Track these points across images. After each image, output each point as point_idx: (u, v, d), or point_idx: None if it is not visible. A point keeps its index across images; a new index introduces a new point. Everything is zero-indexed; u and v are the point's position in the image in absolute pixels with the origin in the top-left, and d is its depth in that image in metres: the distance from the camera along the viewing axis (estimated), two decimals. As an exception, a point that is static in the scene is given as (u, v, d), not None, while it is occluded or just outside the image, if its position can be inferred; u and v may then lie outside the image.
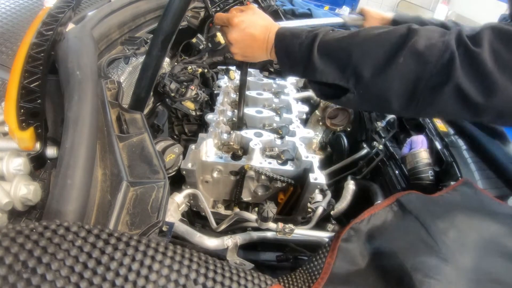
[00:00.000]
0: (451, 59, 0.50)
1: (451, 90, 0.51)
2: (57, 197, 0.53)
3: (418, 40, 0.52)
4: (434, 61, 0.51)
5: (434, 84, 0.52)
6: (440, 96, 0.52)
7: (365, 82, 0.57)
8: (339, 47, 0.60)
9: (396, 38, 0.55)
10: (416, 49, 0.52)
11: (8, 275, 0.34)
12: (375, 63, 0.56)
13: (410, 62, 0.53)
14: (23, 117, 0.63)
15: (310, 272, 0.63)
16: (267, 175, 0.97)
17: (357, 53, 0.57)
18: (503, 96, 0.49)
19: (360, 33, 0.60)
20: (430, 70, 0.51)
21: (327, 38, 0.62)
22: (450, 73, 0.50)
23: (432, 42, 0.52)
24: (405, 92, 0.54)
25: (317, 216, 1.01)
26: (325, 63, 0.61)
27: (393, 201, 0.74)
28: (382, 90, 0.56)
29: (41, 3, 0.95)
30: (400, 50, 0.53)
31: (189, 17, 1.72)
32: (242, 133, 1.05)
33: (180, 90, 1.30)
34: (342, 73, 0.60)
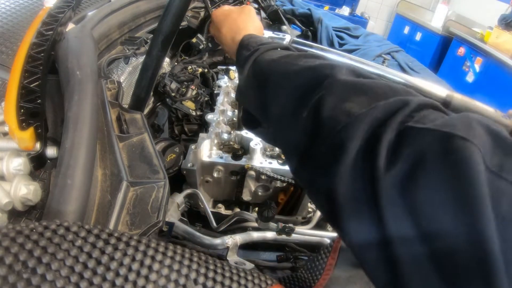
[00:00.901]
0: (340, 148, 0.33)
1: (323, 185, 0.37)
2: (57, 197, 0.53)
3: (325, 98, 0.38)
4: (326, 136, 0.36)
5: (326, 157, 0.37)
6: (333, 171, 0.35)
7: (269, 121, 0.50)
8: (264, 71, 0.51)
9: (311, 83, 0.42)
10: (318, 110, 0.38)
11: (8, 275, 0.34)
12: (283, 106, 0.46)
13: (309, 123, 0.40)
14: (23, 117, 0.63)
15: (311, 273, 0.63)
16: (267, 175, 0.97)
17: (272, 86, 0.48)
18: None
19: (288, 58, 0.49)
20: (322, 141, 0.37)
21: (263, 57, 0.53)
22: (329, 167, 0.35)
23: (337, 109, 0.36)
24: (298, 155, 0.42)
25: (317, 216, 1.01)
26: (249, 87, 0.54)
27: None
28: (283, 137, 0.47)
29: (41, 3, 0.95)
30: (307, 102, 0.40)
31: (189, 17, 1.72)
32: (243, 133, 1.05)
33: (181, 89, 1.31)
34: (258, 102, 0.53)
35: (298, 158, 0.42)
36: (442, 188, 0.27)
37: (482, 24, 4.51)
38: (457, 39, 4.54)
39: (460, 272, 0.26)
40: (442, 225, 0.26)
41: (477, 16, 4.80)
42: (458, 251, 0.26)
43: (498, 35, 3.92)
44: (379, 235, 0.30)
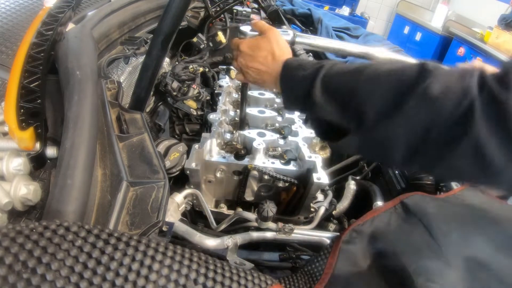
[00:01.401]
0: (470, 108, 0.40)
1: (468, 147, 0.41)
2: (57, 197, 0.53)
3: (433, 83, 0.43)
4: (450, 110, 0.42)
5: (447, 137, 0.43)
6: (452, 152, 0.43)
7: (367, 126, 0.50)
8: (343, 81, 0.54)
9: (407, 79, 0.47)
10: (429, 94, 0.43)
11: (8, 275, 0.34)
12: (380, 106, 0.48)
13: (421, 109, 0.44)
14: (23, 117, 0.63)
15: (311, 273, 0.63)
16: (270, 175, 0.97)
17: (362, 91, 0.51)
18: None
19: (368, 68, 0.52)
20: (444, 120, 0.42)
21: (331, 72, 0.56)
22: (468, 126, 0.40)
23: (449, 86, 0.43)
24: (412, 142, 0.46)
25: (319, 216, 1.00)
26: (326, 99, 0.55)
27: (397, 203, 0.74)
28: (386, 137, 0.49)
29: (41, 3, 0.95)
30: (411, 93, 0.45)
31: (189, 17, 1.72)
32: (245, 133, 1.05)
33: (182, 89, 1.31)
34: (343, 112, 0.54)
35: (413, 146, 0.46)
36: None
37: (482, 24, 4.51)
38: (457, 39, 4.54)
39: None
40: None
41: (477, 16, 4.80)
42: None
43: (498, 35, 3.92)
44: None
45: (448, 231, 0.65)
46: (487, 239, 0.65)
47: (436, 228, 0.65)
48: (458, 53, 4.50)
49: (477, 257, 0.61)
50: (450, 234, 0.64)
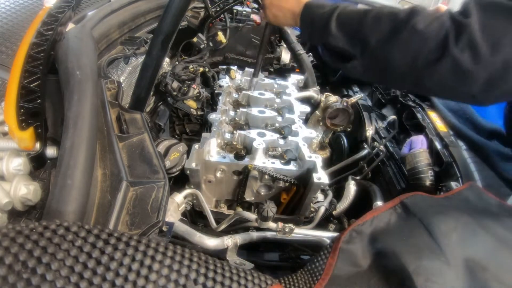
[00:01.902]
0: (446, 35, 0.56)
1: (447, 63, 0.57)
2: (57, 197, 0.53)
3: (419, 20, 0.59)
4: (432, 38, 0.58)
5: (432, 58, 0.58)
6: (437, 68, 0.58)
7: (370, 50, 0.65)
8: (353, 17, 0.69)
9: (401, 16, 0.62)
10: (417, 28, 0.59)
11: (8, 275, 0.34)
12: (381, 34, 0.63)
13: (412, 38, 0.60)
14: (23, 117, 0.63)
15: (311, 273, 0.63)
16: (270, 175, 0.97)
17: (367, 24, 0.65)
18: (487, 63, 0.55)
19: (372, 10, 0.67)
20: (429, 46, 0.58)
21: (345, 11, 0.71)
22: (446, 48, 0.56)
23: (430, 21, 0.59)
24: (405, 63, 0.61)
25: (319, 216, 1.00)
26: (339, 29, 0.70)
27: (397, 203, 0.74)
28: (385, 58, 0.64)
29: (41, 3, 0.95)
30: (404, 27, 0.60)
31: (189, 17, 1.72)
32: (245, 133, 1.05)
33: (183, 88, 1.31)
34: (351, 40, 0.68)
35: (402, 71, 0.63)
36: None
37: (482, 24, 4.51)
38: (457, 39, 4.53)
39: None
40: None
41: (477, 16, 4.79)
42: None
43: (498, 35, 3.91)
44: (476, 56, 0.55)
45: (448, 231, 0.65)
46: (487, 239, 0.65)
47: (436, 228, 0.65)
48: (458, 53, 4.49)
49: (476, 257, 0.61)
50: (450, 235, 0.64)
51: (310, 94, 1.54)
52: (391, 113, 1.37)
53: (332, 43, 0.71)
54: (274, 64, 1.82)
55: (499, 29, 0.54)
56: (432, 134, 1.10)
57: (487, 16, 0.55)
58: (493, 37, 0.54)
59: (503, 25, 0.54)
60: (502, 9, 0.56)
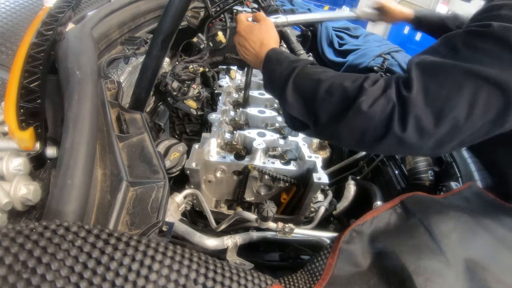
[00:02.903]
0: (390, 114, 0.55)
1: (392, 140, 0.56)
2: (57, 197, 0.53)
3: (364, 101, 0.58)
4: (375, 119, 0.57)
5: (376, 136, 0.58)
6: (383, 145, 0.58)
7: (321, 126, 0.65)
8: (308, 86, 0.67)
9: (349, 94, 0.60)
10: (362, 109, 0.57)
11: (8, 275, 0.34)
12: (329, 112, 0.63)
13: (357, 118, 0.59)
14: (23, 117, 0.63)
15: (311, 273, 0.63)
16: (270, 175, 0.97)
17: (319, 98, 0.64)
18: (432, 135, 0.54)
19: (328, 79, 0.65)
20: (373, 125, 0.57)
21: (302, 73, 0.69)
22: (388, 128, 0.56)
23: (375, 101, 0.57)
24: (353, 140, 0.62)
25: (319, 216, 1.00)
26: (294, 98, 0.68)
27: (396, 203, 0.74)
28: (335, 135, 0.65)
29: (41, 3, 0.95)
30: (350, 107, 0.59)
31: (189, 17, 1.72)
32: (245, 133, 1.05)
33: (183, 88, 1.30)
34: (306, 111, 0.67)
35: (354, 140, 0.62)
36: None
37: (482, 24, 4.51)
38: (457, 39, 4.54)
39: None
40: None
41: (477, 16, 4.80)
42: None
43: (498, 35, 3.91)
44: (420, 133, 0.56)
45: (448, 231, 0.65)
46: (487, 240, 0.65)
47: (435, 229, 0.65)
48: (458, 53, 4.49)
49: (476, 257, 0.61)
50: (450, 235, 0.64)
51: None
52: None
53: (289, 112, 0.69)
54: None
55: (441, 94, 0.53)
56: (432, 134, 1.09)
57: (427, 82, 0.54)
58: (437, 106, 0.53)
59: (445, 87, 0.53)
60: (439, 70, 0.54)
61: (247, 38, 0.82)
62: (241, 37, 0.84)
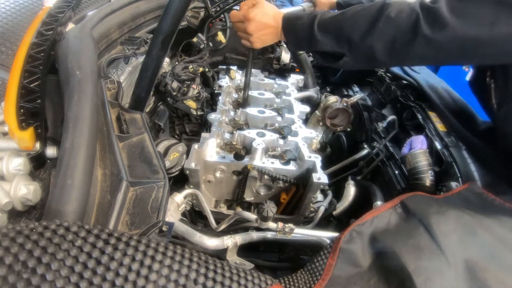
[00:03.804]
0: (417, 19, 0.66)
1: (420, 42, 0.66)
2: (57, 197, 0.53)
3: (391, 10, 0.69)
4: (405, 24, 0.67)
5: (406, 40, 0.68)
6: (412, 48, 0.68)
7: (355, 46, 0.75)
8: (333, 22, 0.78)
9: (375, 11, 0.72)
10: (390, 17, 0.69)
11: (8, 275, 0.34)
12: (361, 30, 0.73)
13: (387, 27, 0.70)
14: (23, 117, 0.63)
15: (311, 273, 0.63)
16: (269, 175, 0.97)
17: (347, 25, 0.75)
18: (453, 30, 0.63)
19: (348, 11, 0.77)
20: (402, 30, 0.68)
21: (324, 17, 0.79)
22: (417, 30, 0.66)
23: (402, 9, 0.69)
24: (386, 49, 0.71)
25: (319, 216, 1.00)
26: (324, 36, 0.78)
27: (397, 203, 0.74)
28: (369, 49, 0.73)
29: (41, 3, 0.95)
30: (379, 19, 0.70)
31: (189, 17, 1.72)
32: (245, 133, 1.05)
33: (182, 89, 1.30)
34: (338, 42, 0.77)
35: (387, 49, 0.71)
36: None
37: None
38: (457, 39, 4.54)
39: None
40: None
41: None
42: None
43: (498, 35, 3.91)
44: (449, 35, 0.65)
45: (448, 231, 0.65)
46: (487, 240, 0.65)
47: (436, 229, 0.65)
48: (458, 53, 4.49)
49: (476, 257, 0.61)
50: (450, 235, 0.64)
51: (310, 94, 1.54)
52: (391, 113, 1.37)
53: (322, 49, 0.79)
54: (274, 64, 1.82)
55: (466, 9, 0.62)
56: (432, 134, 1.10)
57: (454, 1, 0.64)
58: (461, 14, 0.62)
59: (470, 5, 0.62)
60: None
61: (255, 16, 0.87)
62: (256, 23, 0.88)
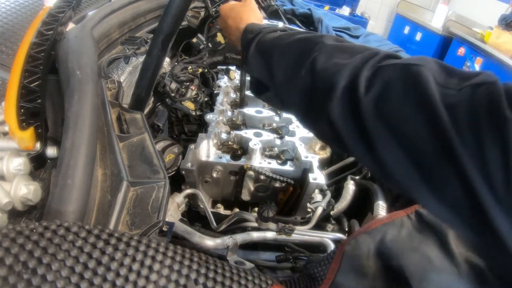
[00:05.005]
0: (329, 90, 0.46)
1: (324, 123, 0.47)
2: (57, 197, 0.53)
3: (318, 57, 0.50)
4: (320, 84, 0.49)
5: (319, 104, 0.49)
6: (320, 121, 0.49)
7: (276, 85, 0.61)
8: (268, 46, 0.64)
9: (306, 49, 0.54)
10: (314, 67, 0.50)
11: (8, 276, 0.34)
12: (285, 71, 0.57)
13: (308, 78, 0.51)
14: (23, 117, 0.63)
15: (313, 278, 0.63)
16: (266, 175, 0.97)
17: (277, 56, 0.60)
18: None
19: (289, 37, 0.61)
20: (317, 90, 0.50)
21: (266, 37, 0.66)
22: (324, 104, 0.46)
23: (328, 63, 0.49)
24: (302, 104, 0.55)
25: (316, 216, 1.00)
26: (256, 58, 0.65)
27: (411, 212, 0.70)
28: (289, 96, 0.58)
29: (41, 2, 0.95)
30: (304, 63, 0.52)
31: (189, 17, 1.72)
32: (242, 133, 1.05)
33: (180, 90, 1.30)
34: (265, 71, 0.63)
35: (302, 110, 0.56)
36: (405, 98, 0.38)
37: (482, 24, 4.50)
38: (457, 39, 4.53)
39: (429, 158, 0.36)
40: (409, 125, 0.37)
41: (477, 16, 4.79)
42: (424, 141, 0.36)
43: (498, 35, 3.91)
44: (364, 143, 0.42)
45: None
46: None
47: (449, 239, 0.61)
48: (458, 53, 4.50)
49: None
50: None
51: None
52: (391, 113, 1.37)
53: (249, 73, 0.68)
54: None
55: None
56: (432, 135, 1.09)
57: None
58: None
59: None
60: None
61: (229, 16, 0.82)
62: (224, 17, 0.83)
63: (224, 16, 0.84)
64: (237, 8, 0.81)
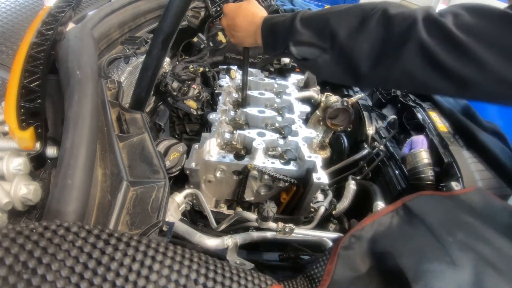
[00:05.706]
0: (413, 22, 0.55)
1: (414, 47, 0.54)
2: (57, 197, 0.53)
3: (389, 9, 0.59)
4: (399, 24, 0.57)
5: (397, 42, 0.57)
6: (404, 52, 0.56)
7: (339, 43, 0.64)
8: (318, 16, 0.69)
9: (369, 8, 0.62)
10: (386, 15, 0.58)
11: (8, 276, 0.34)
12: (349, 27, 0.63)
13: (380, 27, 0.59)
14: (23, 117, 0.63)
15: (310, 279, 0.63)
16: (270, 175, 0.97)
17: (334, 19, 0.65)
18: (473, 62, 0.51)
19: (337, 7, 0.68)
20: (394, 31, 0.57)
21: (307, 13, 0.72)
22: (411, 32, 0.55)
23: (401, 11, 0.58)
24: (373, 53, 0.60)
25: (319, 216, 1.00)
26: (305, 27, 0.69)
27: (399, 206, 0.73)
28: (354, 50, 0.62)
29: (42, 2, 0.95)
30: (372, 17, 0.60)
31: (190, 16, 1.72)
32: (245, 132, 1.05)
33: (183, 89, 1.30)
34: (319, 35, 0.67)
35: (373, 55, 0.60)
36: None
37: (483, 24, 4.50)
38: (457, 39, 4.53)
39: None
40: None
41: (477, 16, 4.78)
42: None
43: (498, 35, 3.91)
44: (459, 53, 0.52)
45: (452, 230, 0.64)
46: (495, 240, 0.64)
47: (439, 228, 0.64)
48: (459, 53, 4.49)
49: (484, 255, 0.59)
50: (455, 233, 0.63)
51: (310, 94, 1.54)
52: (391, 113, 1.37)
53: (300, 39, 0.69)
54: (274, 63, 1.82)
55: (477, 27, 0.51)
56: (432, 134, 1.10)
57: (469, 15, 0.53)
58: (470, 31, 0.51)
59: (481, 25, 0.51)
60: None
61: (237, 14, 0.83)
62: (231, 15, 0.84)
63: (232, 14, 0.85)
64: (244, 6, 0.83)
